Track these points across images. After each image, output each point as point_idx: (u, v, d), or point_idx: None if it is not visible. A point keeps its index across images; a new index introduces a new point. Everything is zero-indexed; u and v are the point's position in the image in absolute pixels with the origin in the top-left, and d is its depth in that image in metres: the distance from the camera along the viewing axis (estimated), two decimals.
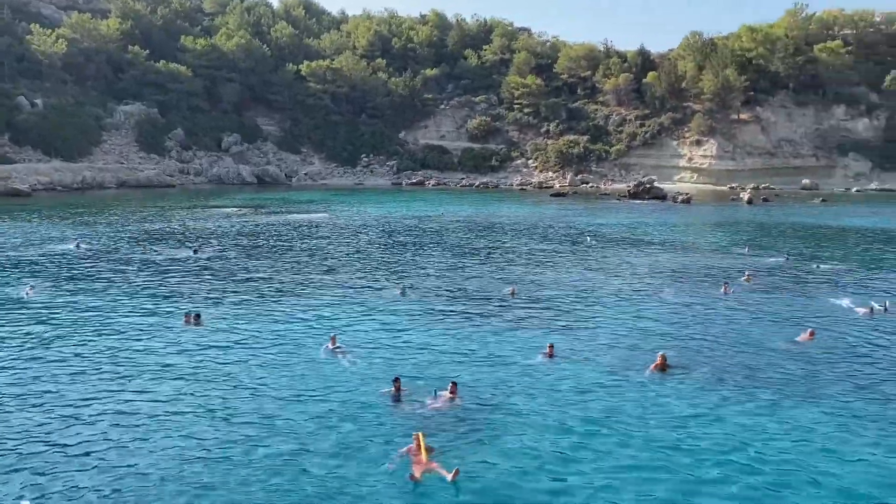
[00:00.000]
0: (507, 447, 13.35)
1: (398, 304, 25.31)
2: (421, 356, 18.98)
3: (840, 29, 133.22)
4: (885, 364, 18.50)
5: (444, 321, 22.87)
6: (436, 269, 33.23)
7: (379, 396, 15.85)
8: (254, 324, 22.34)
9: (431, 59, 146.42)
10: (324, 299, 26.23)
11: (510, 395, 16.13)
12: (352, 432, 13.98)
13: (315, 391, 16.30)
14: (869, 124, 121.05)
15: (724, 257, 38.15)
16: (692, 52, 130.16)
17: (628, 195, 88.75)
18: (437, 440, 13.37)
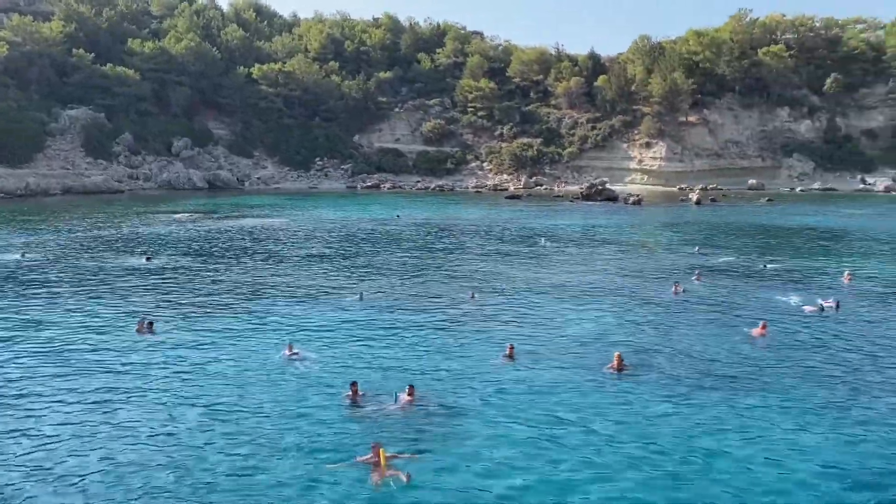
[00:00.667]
0: (466, 448, 13.48)
1: (356, 308, 25.27)
2: (379, 360, 18.99)
3: (782, 33, 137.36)
4: (836, 359, 19.14)
5: (403, 325, 22.91)
6: (393, 274, 33.24)
7: (336, 401, 15.84)
8: (209, 331, 22.06)
9: (385, 62, 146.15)
10: (280, 305, 26.03)
11: (470, 396, 16.27)
12: (309, 438, 13.95)
13: (272, 398, 16.18)
14: (811, 126, 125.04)
15: (674, 257, 38.98)
16: (641, 56, 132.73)
17: (581, 197, 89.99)
18: (396, 442, 13.47)
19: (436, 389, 16.66)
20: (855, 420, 14.72)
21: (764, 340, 21.01)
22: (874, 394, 16.33)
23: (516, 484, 12.08)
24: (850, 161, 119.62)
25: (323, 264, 36.37)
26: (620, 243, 45.65)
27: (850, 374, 17.74)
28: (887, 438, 13.80)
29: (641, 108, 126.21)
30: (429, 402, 15.79)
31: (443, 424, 14.64)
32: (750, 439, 13.79)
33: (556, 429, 14.34)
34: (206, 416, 15.11)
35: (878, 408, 15.41)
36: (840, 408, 15.45)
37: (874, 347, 20.22)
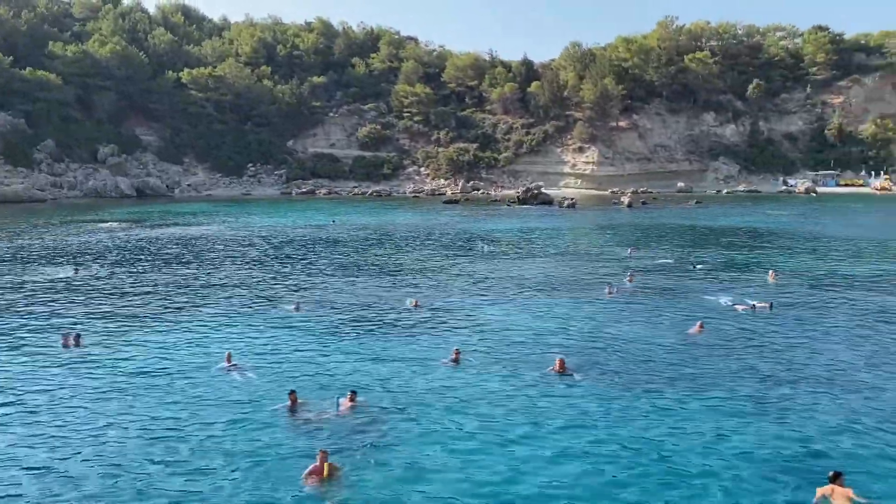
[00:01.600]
0: (408, 452, 13.42)
1: (293, 318, 24.86)
2: (320, 369, 18.72)
3: (707, 40, 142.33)
4: (766, 355, 19.78)
5: (343, 334, 22.64)
6: (331, 282, 32.86)
7: (275, 411, 15.57)
8: (142, 343, 21.34)
9: (318, 67, 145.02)
10: (216, 316, 25.38)
11: (414, 400, 16.19)
12: (250, 448, 13.65)
13: (211, 409, 15.78)
14: (735, 130, 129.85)
15: (608, 259, 39.75)
16: (572, 62, 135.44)
17: (517, 201, 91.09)
18: (338, 448, 13.31)
19: (378, 395, 16.53)
20: (784, 412, 15.26)
21: (701, 338, 21.64)
22: (803, 388, 16.95)
23: (457, 487, 12.08)
24: (772, 164, 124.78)
25: (258, 272, 35.68)
26: (557, 246, 46.32)
27: (779, 369, 18.37)
28: (817, 429, 14.36)
29: (574, 114, 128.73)
30: (371, 408, 15.66)
31: (385, 429, 14.55)
32: (688, 436, 14.10)
33: (499, 432, 14.39)
34: (140, 430, 14.60)
35: (806, 400, 16.02)
36: (771, 401, 15.98)
37: (802, 343, 21.02)
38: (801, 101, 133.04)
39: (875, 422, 14.76)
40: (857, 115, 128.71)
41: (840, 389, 16.76)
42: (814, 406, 15.76)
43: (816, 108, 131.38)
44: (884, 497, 11.60)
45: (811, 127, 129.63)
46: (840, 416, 15.06)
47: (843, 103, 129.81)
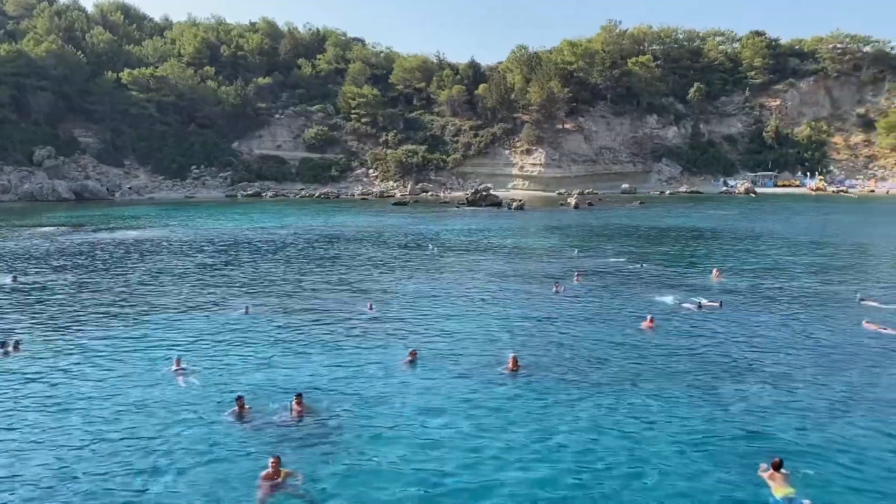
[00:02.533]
0: (361, 454, 13.41)
1: (243, 321, 24.47)
2: (270, 372, 18.49)
3: (649, 44, 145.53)
4: (718, 351, 20.32)
5: (294, 337, 22.39)
6: (282, 285, 32.46)
7: (223, 416, 15.32)
8: (87, 349, 20.76)
9: (264, 68, 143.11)
10: (163, 320, 24.82)
11: (367, 402, 16.13)
12: (198, 454, 13.45)
13: (159, 415, 15.49)
14: (677, 132, 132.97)
15: (556, 259, 40.25)
16: (519, 65, 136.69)
17: (467, 202, 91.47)
18: (286, 451, 13.24)
19: (330, 397, 16.41)
20: (732, 403, 15.71)
21: (652, 334, 22.14)
22: (750, 381, 17.47)
23: (410, 488, 12.10)
24: (713, 165, 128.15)
25: (206, 276, 35.01)
26: (507, 247, 46.67)
27: (726, 363, 18.91)
28: (763, 419, 14.81)
29: (521, 116, 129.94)
30: (322, 411, 15.54)
31: (336, 432, 14.49)
32: (640, 428, 14.42)
33: (453, 432, 14.45)
34: (85, 437, 14.21)
35: (753, 391, 16.51)
36: (719, 394, 16.43)
37: (747, 339, 21.66)
38: (740, 104, 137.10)
39: (818, 410, 15.37)
40: (793, 118, 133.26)
41: (785, 381, 17.32)
42: (760, 397, 16.34)
43: (754, 110, 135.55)
44: (824, 481, 12.19)
45: (749, 129, 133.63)
46: (785, 407, 15.61)
47: (780, 106, 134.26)
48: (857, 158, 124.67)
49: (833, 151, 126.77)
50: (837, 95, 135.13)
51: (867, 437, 14.14)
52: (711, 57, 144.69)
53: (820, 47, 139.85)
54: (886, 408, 15.71)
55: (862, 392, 16.70)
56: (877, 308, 25.62)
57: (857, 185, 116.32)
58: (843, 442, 13.90)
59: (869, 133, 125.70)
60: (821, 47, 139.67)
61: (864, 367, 18.67)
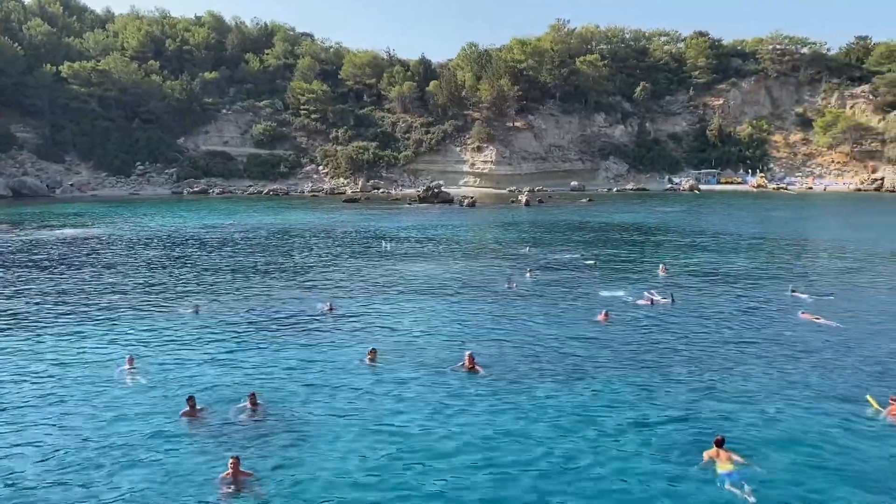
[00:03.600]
0: (314, 453, 13.37)
1: (194, 321, 24.06)
2: (222, 372, 18.22)
3: (597, 44, 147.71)
4: (667, 344, 20.82)
5: (247, 336, 22.10)
6: (232, 284, 31.99)
7: (175, 416, 15.10)
8: (33, 351, 20.15)
9: (210, 63, 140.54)
10: (109, 320, 24.22)
11: (324, 401, 16.04)
12: (151, 455, 13.25)
13: (108, 416, 15.21)
14: (624, 130, 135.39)
15: (508, 255, 40.62)
16: (470, 63, 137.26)
17: (418, 199, 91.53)
18: (239, 452, 13.08)
19: (284, 397, 16.29)
20: (682, 392, 16.17)
21: (605, 328, 22.63)
22: (699, 371, 17.98)
23: (366, 486, 12.13)
24: (658, 163, 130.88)
25: (155, 275, 34.26)
26: (460, 244, 46.90)
27: (676, 356, 19.40)
28: (710, 405, 15.30)
29: (472, 114, 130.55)
30: (276, 411, 15.43)
31: (290, 431, 14.39)
32: (598, 420, 14.71)
33: (410, 430, 14.49)
34: (35, 438, 13.85)
35: (703, 381, 17.01)
36: (670, 384, 16.87)
37: (695, 331, 22.26)
38: (685, 103, 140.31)
39: (760, 396, 15.99)
40: (735, 117, 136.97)
41: (730, 370, 17.89)
42: (709, 386, 16.89)
43: (698, 109, 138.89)
44: (763, 458, 12.90)
45: (694, 128, 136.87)
46: (731, 394, 16.15)
47: (723, 105, 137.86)
48: (796, 156, 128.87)
49: (773, 150, 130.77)
50: (777, 95, 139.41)
51: (804, 419, 14.85)
52: (657, 57, 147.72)
53: (760, 48, 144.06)
54: (821, 393, 16.47)
55: (800, 379, 17.42)
56: (806, 299, 26.76)
57: (795, 183, 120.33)
58: (782, 424, 14.61)
59: (807, 132, 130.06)
60: (761, 48, 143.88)
61: (801, 356, 19.46)
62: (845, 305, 25.98)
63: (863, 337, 21.57)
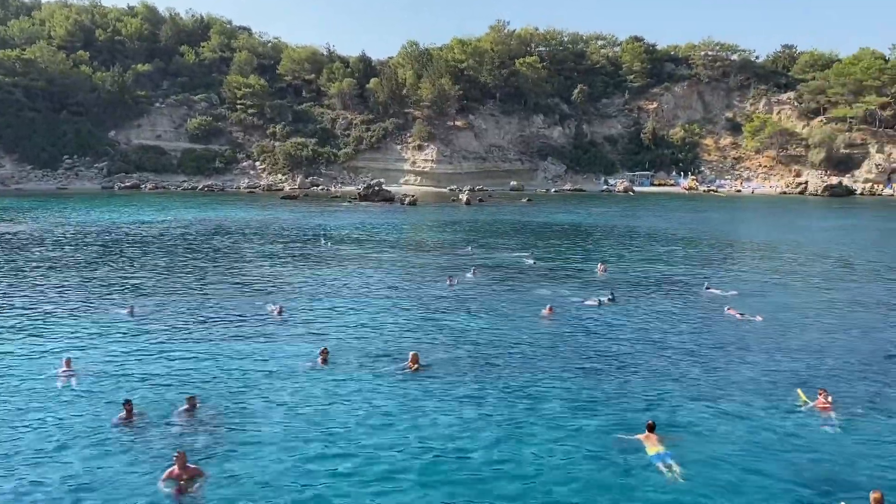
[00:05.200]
0: (254, 454, 13.24)
1: (128, 322, 23.35)
2: (159, 375, 17.76)
3: (536, 46, 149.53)
4: (607, 339, 21.29)
5: (183, 337, 21.59)
6: (168, 283, 31.18)
7: (111, 421, 14.70)
8: None
9: (143, 54, 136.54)
10: (39, 321, 23.33)
11: (262, 403, 15.83)
12: (85, 463, 12.86)
13: (45, 420, 14.72)
14: (562, 132, 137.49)
15: (451, 254, 40.82)
16: (410, 61, 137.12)
17: (359, 197, 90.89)
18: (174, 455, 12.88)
19: (224, 399, 16.01)
20: (621, 383, 16.61)
21: (549, 325, 23.10)
22: (634, 364, 18.49)
23: (306, 487, 12.08)
24: (595, 164, 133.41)
25: (84, 274, 33.09)
26: (401, 242, 46.88)
27: (617, 350, 19.90)
28: (649, 395, 15.78)
29: (413, 112, 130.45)
30: (215, 413, 15.16)
31: (230, 433, 14.19)
32: (539, 419, 14.96)
33: (352, 430, 14.43)
34: None
35: (642, 372, 17.50)
36: (610, 377, 17.30)
37: (636, 327, 22.85)
38: (620, 107, 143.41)
39: (689, 388, 16.59)
40: (668, 121, 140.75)
41: (664, 364, 18.46)
42: (644, 378, 17.53)
43: (633, 112, 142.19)
44: (691, 442, 13.78)
45: (629, 130, 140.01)
46: (663, 386, 16.67)
47: (656, 109, 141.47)
48: (726, 160, 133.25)
49: (704, 153, 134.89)
50: (709, 100, 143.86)
51: (732, 410, 15.65)
52: (594, 60, 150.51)
53: (693, 54, 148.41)
54: (749, 385, 17.29)
55: (728, 371, 18.28)
56: (720, 295, 28.26)
57: (725, 185, 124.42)
58: (712, 413, 15.45)
59: (736, 136, 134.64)
60: (694, 54, 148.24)
61: (729, 350, 20.51)
62: (771, 301, 27.15)
63: (786, 332, 22.67)
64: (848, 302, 27.88)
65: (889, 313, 25.97)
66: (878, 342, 21.69)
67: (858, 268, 37.50)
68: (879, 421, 15.10)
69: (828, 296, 29.14)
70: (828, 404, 15.37)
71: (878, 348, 20.89)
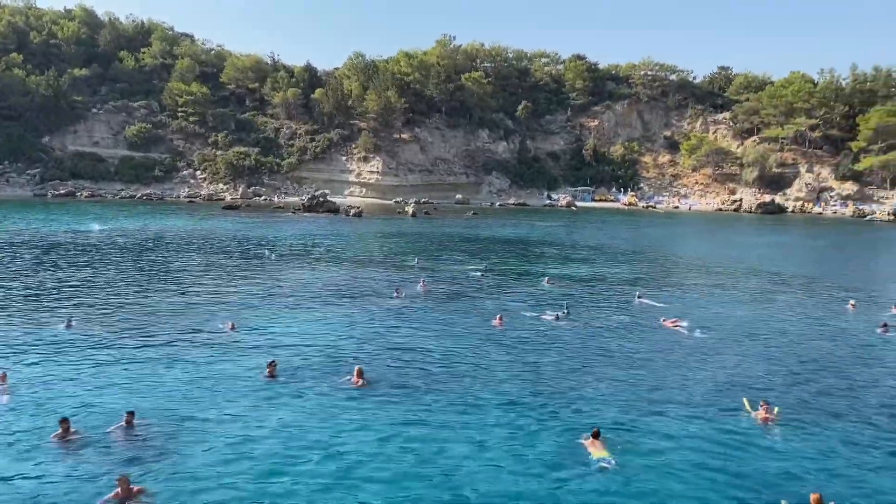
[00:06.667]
0: (193, 469, 13.00)
1: (66, 336, 22.51)
2: (98, 391, 17.16)
3: (481, 61, 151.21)
4: (556, 351, 21.56)
5: (123, 351, 20.90)
6: (106, 295, 30.19)
7: (48, 438, 14.19)
8: None
9: (80, 59, 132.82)
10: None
11: (201, 417, 15.50)
12: (20, 484, 12.42)
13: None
14: (507, 147, 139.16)
15: (398, 266, 40.76)
16: (356, 73, 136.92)
17: (303, 208, 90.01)
18: (115, 471, 12.62)
19: (164, 413, 15.59)
20: (566, 392, 16.89)
21: (500, 334, 23.53)
22: (579, 374, 18.81)
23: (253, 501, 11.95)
24: (538, 179, 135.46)
25: (16, 285, 31.80)
26: (348, 254, 46.57)
27: (564, 361, 20.19)
28: (596, 404, 16.08)
29: (358, 123, 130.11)
30: (155, 428, 14.74)
31: (170, 450, 13.87)
32: (484, 429, 15.05)
33: (293, 445, 14.22)
34: None
35: (589, 382, 17.82)
36: (557, 388, 17.55)
37: (579, 338, 23.23)
38: (563, 123, 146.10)
39: (629, 395, 17.01)
40: (609, 138, 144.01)
41: (606, 373, 18.84)
42: (589, 387, 17.85)
43: (576, 129, 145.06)
44: (632, 447, 14.14)
45: (571, 147, 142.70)
46: (606, 394, 17.03)
47: (598, 126, 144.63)
48: (664, 177, 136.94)
49: (643, 170, 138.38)
50: (648, 118, 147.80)
51: (674, 418, 16.14)
52: (538, 77, 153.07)
53: (633, 73, 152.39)
54: (686, 392, 17.92)
55: (666, 379, 18.77)
56: (650, 305, 29.44)
57: (663, 202, 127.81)
58: (650, 418, 16.01)
59: (674, 154, 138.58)
60: (634, 73, 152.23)
61: (668, 360, 21.14)
62: (708, 313, 28.03)
63: (724, 343, 23.50)
64: (780, 314, 29.00)
65: (819, 325, 27.08)
66: (808, 351, 22.63)
67: (790, 282, 38.97)
68: (815, 430, 15.72)
69: (761, 307, 30.24)
70: (769, 416, 15.95)
71: (810, 358, 21.78)
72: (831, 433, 15.58)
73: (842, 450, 14.70)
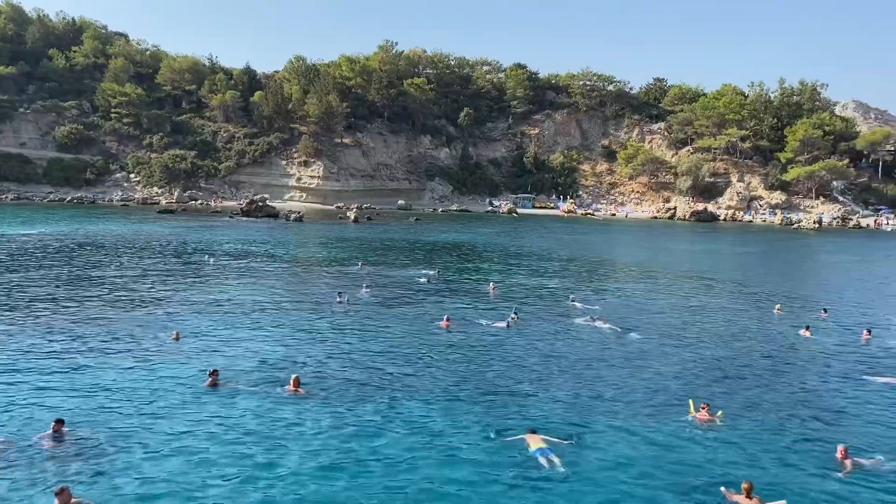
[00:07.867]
0: (119, 479, 12.70)
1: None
2: (26, 400, 16.54)
3: (424, 68, 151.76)
4: (499, 355, 21.77)
5: (49, 362, 20.11)
6: (31, 304, 29.11)
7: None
8: None
9: (6, 56, 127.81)
10: None
11: (142, 428, 15.08)
12: None
13: None
14: (449, 153, 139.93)
15: (341, 271, 40.50)
16: (297, 76, 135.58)
17: (241, 213, 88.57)
18: (48, 480, 12.29)
19: (94, 422, 15.13)
20: (509, 393, 17.10)
21: (447, 336, 23.76)
22: (523, 375, 19.08)
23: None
24: (480, 186, 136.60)
25: None
26: (288, 259, 46.01)
27: (512, 364, 20.43)
28: (540, 406, 16.35)
29: (299, 127, 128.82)
30: (86, 437, 14.29)
31: (101, 458, 13.48)
32: (428, 435, 15.12)
33: (224, 453, 13.99)
34: None
35: (532, 385, 18.09)
36: (501, 391, 17.77)
37: (529, 344, 23.53)
38: (504, 131, 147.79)
39: (569, 395, 17.32)
40: (549, 146, 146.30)
41: (548, 374, 19.18)
42: (532, 387, 18.04)
43: (517, 137, 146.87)
44: (578, 446, 14.11)
45: (512, 154, 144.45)
46: (548, 394, 17.30)
47: (538, 135, 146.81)
48: (602, 185, 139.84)
49: (582, 178, 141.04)
50: (587, 127, 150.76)
51: (617, 417, 16.48)
52: (480, 84, 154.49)
53: (572, 83, 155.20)
54: (623, 392, 18.34)
55: (604, 379, 19.17)
56: (583, 307, 30.29)
57: (601, 209, 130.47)
58: (591, 417, 16.24)
59: (612, 163, 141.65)
60: (573, 83, 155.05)
61: (605, 360, 21.51)
62: (644, 316, 28.78)
63: (657, 345, 24.09)
64: (712, 316, 29.99)
65: (747, 327, 28.10)
66: (738, 352, 23.49)
67: (722, 287, 40.31)
68: (744, 423, 16.42)
69: (694, 311, 31.20)
70: (710, 417, 16.52)
71: (739, 358, 22.62)
72: (758, 425, 16.37)
73: (768, 439, 15.53)
